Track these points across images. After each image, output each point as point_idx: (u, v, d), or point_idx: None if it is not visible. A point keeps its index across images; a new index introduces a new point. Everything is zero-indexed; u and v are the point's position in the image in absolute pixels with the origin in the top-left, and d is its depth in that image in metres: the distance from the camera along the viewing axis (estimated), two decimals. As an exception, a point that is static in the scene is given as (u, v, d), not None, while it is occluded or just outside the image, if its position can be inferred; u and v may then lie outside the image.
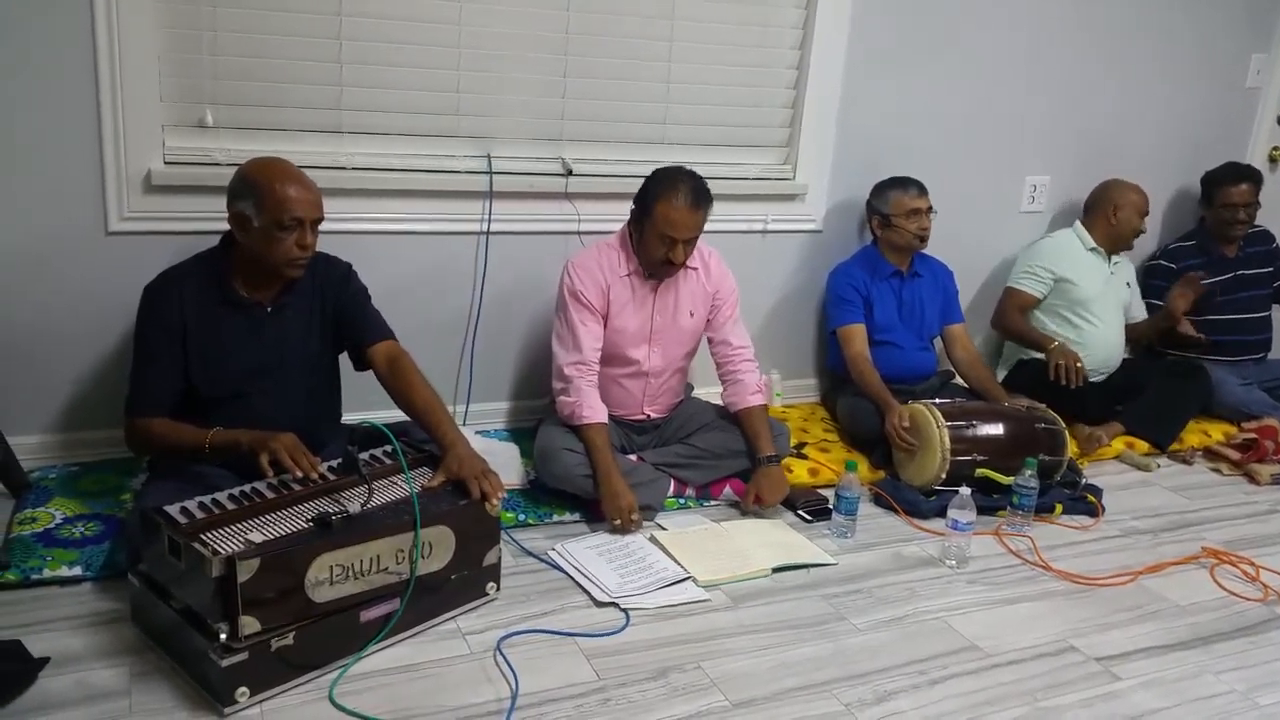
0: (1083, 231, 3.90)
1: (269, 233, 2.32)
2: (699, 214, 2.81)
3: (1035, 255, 3.89)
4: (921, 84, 3.69)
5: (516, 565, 2.59)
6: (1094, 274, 3.86)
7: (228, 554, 1.92)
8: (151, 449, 2.47)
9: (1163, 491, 3.41)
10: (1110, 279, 3.91)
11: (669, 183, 2.81)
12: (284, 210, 2.31)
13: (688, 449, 3.02)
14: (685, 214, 2.78)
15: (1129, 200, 3.85)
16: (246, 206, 2.33)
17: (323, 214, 2.41)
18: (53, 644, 2.10)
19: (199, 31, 2.75)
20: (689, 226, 2.80)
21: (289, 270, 2.39)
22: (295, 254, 2.36)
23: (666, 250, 2.82)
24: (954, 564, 2.76)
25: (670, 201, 2.77)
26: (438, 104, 3.07)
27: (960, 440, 3.07)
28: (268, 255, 2.35)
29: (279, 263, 2.36)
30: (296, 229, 2.34)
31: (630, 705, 2.08)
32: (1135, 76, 4.07)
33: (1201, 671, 2.36)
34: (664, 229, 2.79)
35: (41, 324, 2.77)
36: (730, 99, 3.45)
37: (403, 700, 2.03)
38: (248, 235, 2.35)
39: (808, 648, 2.34)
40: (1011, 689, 2.24)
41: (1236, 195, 4.02)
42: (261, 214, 2.31)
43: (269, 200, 2.31)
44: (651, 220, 2.80)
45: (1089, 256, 3.88)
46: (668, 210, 2.78)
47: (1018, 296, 3.86)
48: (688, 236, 2.82)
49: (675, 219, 2.78)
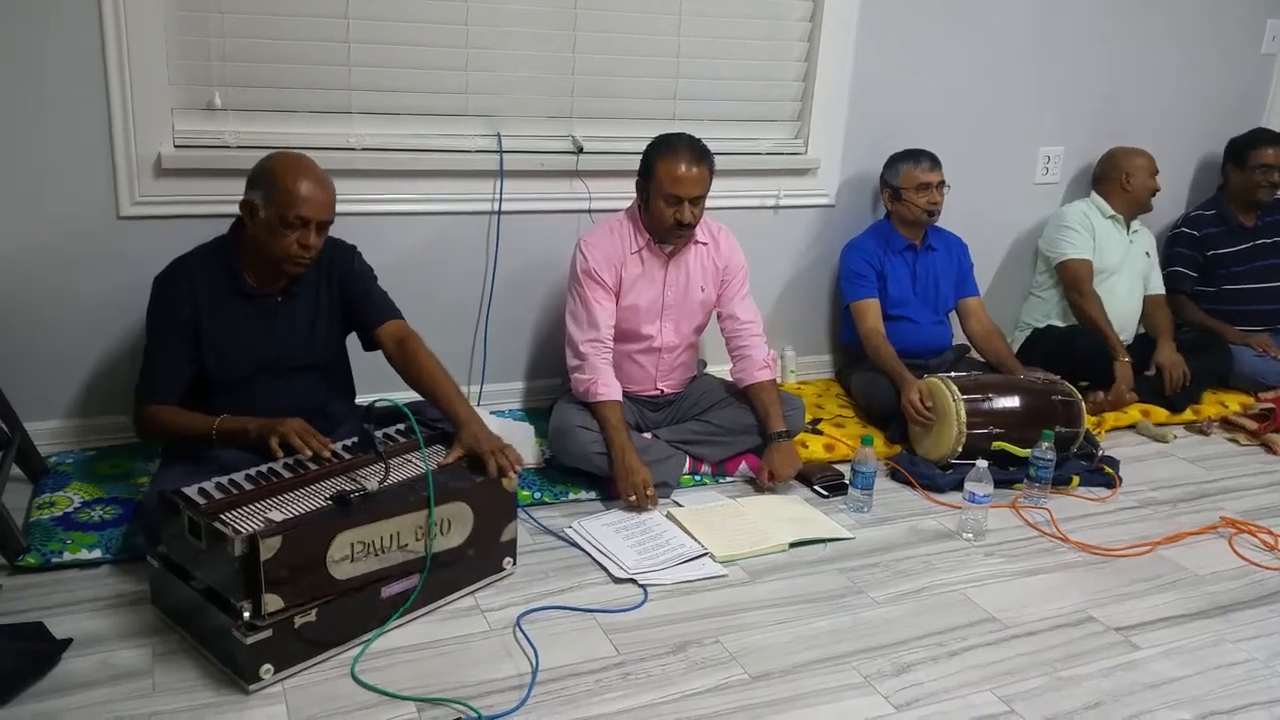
0: (1099, 200, 3.89)
1: (272, 226, 2.31)
2: (701, 169, 2.81)
3: (1066, 219, 3.87)
4: (934, 55, 3.66)
5: (534, 543, 2.59)
6: (1114, 242, 3.87)
7: (250, 533, 1.93)
8: (160, 436, 2.47)
9: (1180, 462, 3.39)
10: (1129, 248, 3.89)
11: (666, 144, 2.84)
12: (290, 207, 2.29)
13: (702, 425, 3.02)
14: (687, 169, 2.79)
15: (1137, 164, 3.85)
16: (256, 196, 2.32)
17: (331, 217, 2.38)
18: (75, 626, 2.11)
19: (206, 13, 2.74)
20: (693, 182, 2.80)
21: (287, 267, 2.37)
22: (295, 252, 2.33)
23: (674, 212, 2.81)
24: (971, 537, 2.75)
25: (671, 160, 2.79)
26: (447, 83, 3.06)
27: (976, 414, 3.06)
28: (268, 248, 2.34)
29: (278, 258, 2.35)
30: (300, 228, 2.31)
31: (650, 679, 2.09)
32: (1148, 45, 4.03)
33: (1221, 640, 2.36)
34: (669, 189, 2.79)
35: (55, 309, 2.78)
36: (741, 73, 3.43)
37: (425, 676, 2.04)
38: (253, 224, 2.34)
39: (826, 621, 2.34)
40: (1031, 659, 2.24)
41: (1268, 157, 3.99)
42: (268, 205, 2.30)
43: (277, 193, 2.30)
44: (656, 183, 2.81)
45: (1107, 224, 3.87)
46: (670, 169, 2.78)
47: (1077, 267, 3.81)
48: (693, 194, 2.81)
49: (678, 175, 2.78)
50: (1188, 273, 4.10)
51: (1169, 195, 4.24)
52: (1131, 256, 3.90)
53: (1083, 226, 3.84)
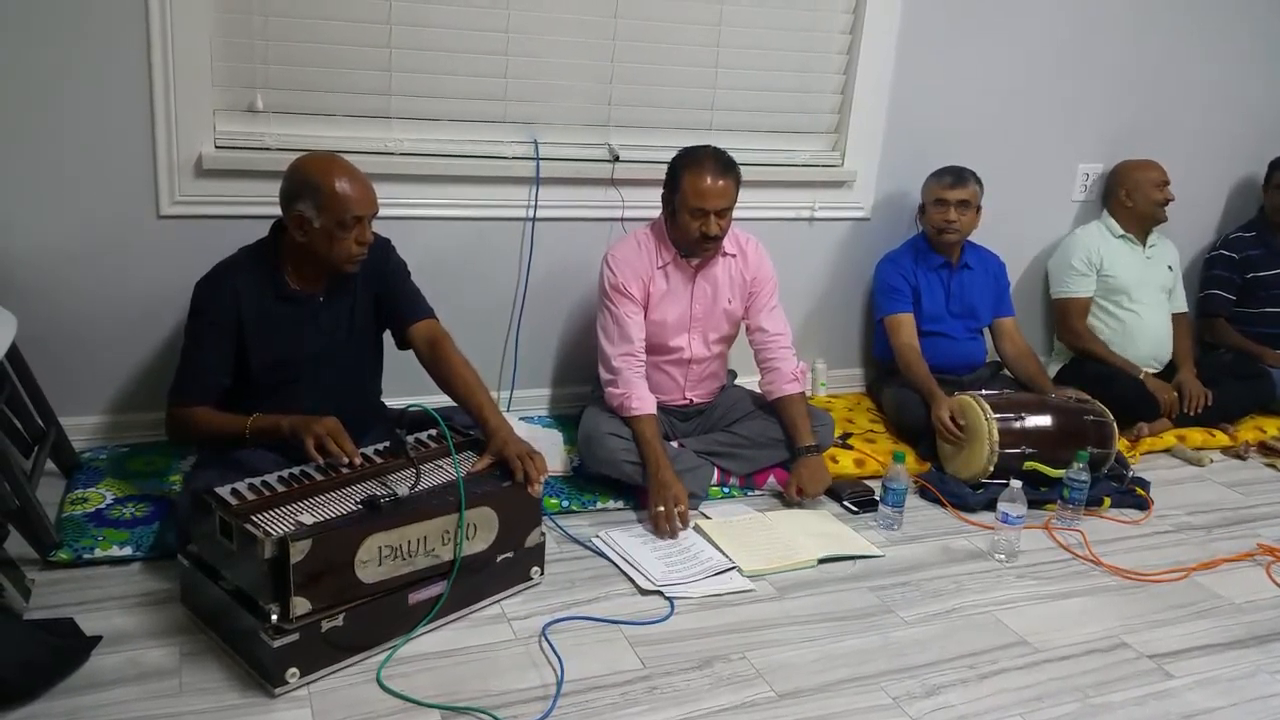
0: (1110, 220, 3.86)
1: (330, 233, 2.32)
2: (726, 181, 2.80)
3: (1067, 254, 3.84)
4: (973, 71, 3.63)
5: (561, 551, 2.58)
6: (1128, 260, 3.81)
7: (280, 535, 1.93)
8: (191, 437, 2.48)
9: (1216, 486, 3.34)
10: (1148, 263, 3.84)
11: (691, 157, 2.83)
12: (345, 210, 2.30)
13: (730, 436, 3.00)
14: (712, 182, 2.77)
15: (1136, 178, 3.80)
16: (306, 208, 2.32)
17: (378, 208, 2.40)
18: (104, 623, 2.12)
19: (250, 16, 2.76)
20: (718, 194, 2.79)
21: (348, 267, 2.39)
22: (355, 251, 2.36)
23: (700, 225, 2.80)
24: (1003, 558, 2.72)
25: (697, 172, 2.78)
26: (486, 90, 3.07)
27: (1008, 432, 3.02)
28: (329, 255, 2.35)
29: (340, 261, 2.36)
30: (356, 226, 2.34)
31: (675, 694, 2.07)
32: (1188, 62, 3.98)
33: (1257, 670, 2.31)
34: (694, 201, 2.78)
35: (94, 306, 2.80)
36: (778, 84, 3.41)
37: (449, 684, 2.04)
38: (308, 236, 2.34)
39: (855, 640, 2.32)
40: (1062, 685, 2.21)
41: None
42: (321, 214, 2.31)
43: (329, 200, 2.30)
44: (681, 196, 2.80)
45: (1119, 243, 3.82)
46: (695, 181, 2.77)
47: (1074, 305, 3.80)
48: (719, 206, 2.80)
49: (703, 188, 2.77)
50: (1226, 295, 4.04)
51: (1203, 215, 4.21)
52: (1152, 272, 3.84)
53: (1086, 264, 3.79)
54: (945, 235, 3.43)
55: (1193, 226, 4.22)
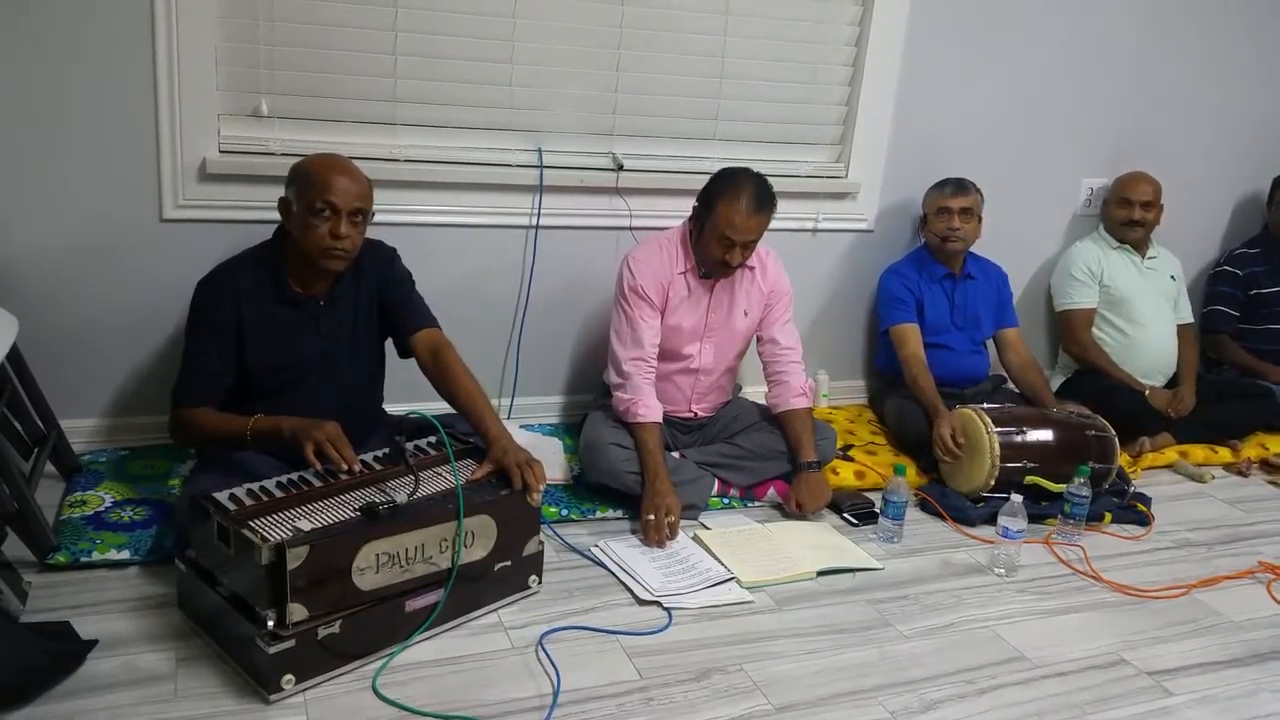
0: (1105, 234, 3.87)
1: (304, 218, 2.32)
2: (760, 218, 2.78)
3: (1067, 265, 3.84)
4: (978, 84, 3.64)
5: (559, 560, 2.58)
6: (1127, 272, 3.81)
7: (277, 541, 1.93)
8: (194, 439, 2.48)
9: (1217, 503, 3.33)
10: (1147, 274, 3.83)
11: (732, 184, 2.78)
12: (318, 194, 2.29)
13: (731, 448, 3.00)
14: (746, 217, 2.75)
15: (1110, 193, 3.85)
16: (290, 193, 2.35)
17: (365, 206, 2.37)
18: (101, 626, 2.12)
19: (256, 21, 2.77)
20: (749, 230, 2.77)
21: (323, 260, 2.35)
22: (327, 243, 2.31)
23: (724, 251, 2.79)
24: (1003, 572, 2.71)
25: (733, 203, 2.74)
26: (490, 97, 3.07)
27: (1010, 446, 3.01)
28: (303, 242, 2.34)
29: (312, 250, 2.34)
30: (331, 217, 2.31)
31: (672, 706, 2.07)
32: (1193, 77, 3.98)
33: (1258, 689, 2.30)
34: (724, 230, 2.76)
35: (96, 309, 2.81)
36: (783, 95, 3.42)
37: (445, 693, 2.03)
38: (289, 221, 2.36)
39: (853, 653, 2.31)
40: (1060, 701, 2.20)
41: None
42: (299, 199, 2.32)
43: (307, 185, 2.31)
44: (713, 220, 2.78)
45: (1116, 255, 3.83)
46: (729, 212, 2.74)
47: (1078, 316, 3.80)
48: (746, 240, 2.79)
49: (736, 221, 2.74)
50: (1229, 312, 4.03)
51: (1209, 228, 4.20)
52: (1152, 283, 3.83)
53: (1086, 273, 3.79)
54: (949, 244, 3.42)
55: (1199, 240, 4.22)
